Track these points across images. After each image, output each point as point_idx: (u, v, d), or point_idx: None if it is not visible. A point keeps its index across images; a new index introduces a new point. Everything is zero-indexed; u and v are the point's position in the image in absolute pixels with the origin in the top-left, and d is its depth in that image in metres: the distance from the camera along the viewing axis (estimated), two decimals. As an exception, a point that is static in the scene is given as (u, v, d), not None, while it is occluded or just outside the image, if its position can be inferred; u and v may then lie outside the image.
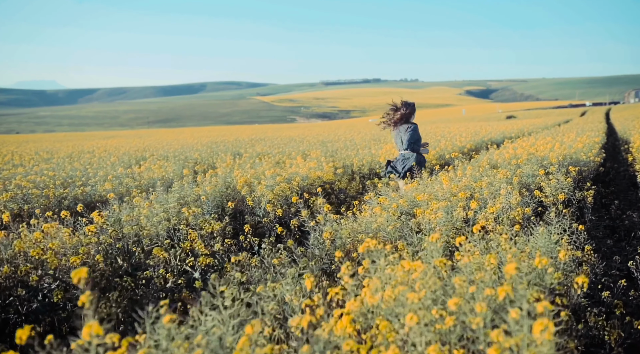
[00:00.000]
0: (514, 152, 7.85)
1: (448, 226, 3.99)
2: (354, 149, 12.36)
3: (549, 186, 5.26)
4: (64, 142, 30.20)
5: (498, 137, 15.12)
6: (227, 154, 12.28)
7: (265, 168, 8.18)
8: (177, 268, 4.24)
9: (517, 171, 6.02)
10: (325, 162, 8.60)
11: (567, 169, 6.48)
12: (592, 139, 11.15)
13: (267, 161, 11.78)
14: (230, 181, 6.78)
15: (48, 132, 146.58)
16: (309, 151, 13.04)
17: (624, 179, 10.64)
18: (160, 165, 9.35)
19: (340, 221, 4.52)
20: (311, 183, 7.28)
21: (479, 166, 6.66)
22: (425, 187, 5.62)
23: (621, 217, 6.74)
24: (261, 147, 15.61)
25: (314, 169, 7.82)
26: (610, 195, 8.19)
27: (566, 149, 8.79)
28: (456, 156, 7.79)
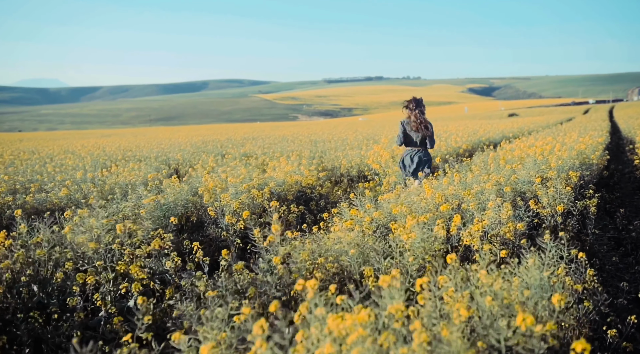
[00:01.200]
0: (510, 155, 7.22)
1: (426, 246, 3.37)
2: (345, 150, 11.75)
3: (546, 195, 4.64)
4: (55, 141, 29.65)
5: (497, 136, 14.47)
6: (210, 155, 11.68)
7: (243, 172, 7.57)
8: (111, 294, 3.64)
9: (511, 177, 5.39)
10: (304, 166, 7.99)
11: (568, 175, 5.85)
12: (595, 139, 10.50)
13: (252, 162, 11.19)
14: (199, 186, 6.18)
15: (50, 130, 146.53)
16: (298, 151, 12.43)
17: (629, 182, 9.99)
18: (132, 168, 8.75)
19: (306, 238, 3.91)
20: (288, 189, 6.66)
21: (469, 171, 6.04)
22: (409, 195, 5.01)
23: (627, 228, 6.11)
24: (250, 147, 15.01)
25: (292, 172, 7.21)
26: (615, 201, 7.56)
27: (567, 150, 8.16)
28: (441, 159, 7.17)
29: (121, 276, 3.62)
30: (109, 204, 5.70)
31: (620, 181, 9.90)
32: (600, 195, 5.82)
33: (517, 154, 7.98)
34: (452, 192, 4.96)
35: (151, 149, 15.52)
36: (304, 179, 6.99)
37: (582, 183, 6.58)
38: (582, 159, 7.06)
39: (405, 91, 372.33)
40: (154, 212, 5.43)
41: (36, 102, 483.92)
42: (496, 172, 5.87)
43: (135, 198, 5.50)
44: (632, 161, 11.95)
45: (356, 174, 9.85)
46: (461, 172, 6.17)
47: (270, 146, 15.07)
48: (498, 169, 5.97)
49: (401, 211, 4.14)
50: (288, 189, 6.69)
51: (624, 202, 8.01)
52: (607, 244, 5.76)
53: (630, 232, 5.84)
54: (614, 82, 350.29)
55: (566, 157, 6.34)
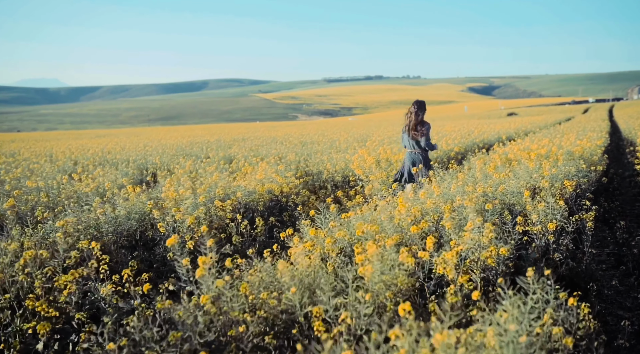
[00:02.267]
0: (500, 161, 6.66)
1: (387, 280, 2.82)
2: (330, 153, 11.19)
3: (536, 211, 4.08)
4: (46, 142, 29.07)
5: (492, 138, 13.92)
6: (189, 159, 11.13)
7: (214, 179, 7.01)
8: (18, 335, 3.09)
9: (499, 188, 4.84)
10: (279, 172, 7.42)
11: (562, 184, 5.29)
12: (593, 141, 9.95)
13: (233, 167, 10.63)
14: (157, 198, 5.62)
15: (50, 130, 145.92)
16: (283, 154, 11.88)
17: (630, 187, 9.43)
18: (97, 174, 8.19)
19: (257, 264, 3.36)
20: (259, 198, 6.11)
21: (455, 179, 5.48)
22: (383, 209, 4.45)
23: (628, 242, 5.55)
24: (236, 149, 14.44)
25: (264, 180, 6.65)
26: (615, 210, 7.00)
27: (563, 154, 7.61)
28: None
29: (31, 313, 3.07)
30: (57, 217, 5.16)
31: (620, 186, 9.34)
32: (597, 208, 5.26)
33: (511, 158, 7.43)
34: (431, 205, 4.41)
35: (135, 152, 14.96)
36: (277, 187, 6.43)
37: (579, 191, 6.03)
38: (578, 165, 6.51)
39: (405, 90, 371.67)
40: (102, 227, 4.88)
41: (36, 102, 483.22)
42: (484, 181, 5.31)
43: (86, 211, 4.95)
44: (632, 164, 11.39)
45: (341, 179, 9.30)
46: (446, 180, 5.62)
47: (257, 148, 14.51)
48: (486, 178, 5.41)
49: (368, 232, 3.59)
50: (259, 198, 6.14)
51: (625, 210, 7.45)
52: (606, 261, 5.20)
53: (631, 248, 5.29)
54: (613, 81, 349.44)
55: (561, 165, 5.77)
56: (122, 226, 5.00)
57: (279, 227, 5.97)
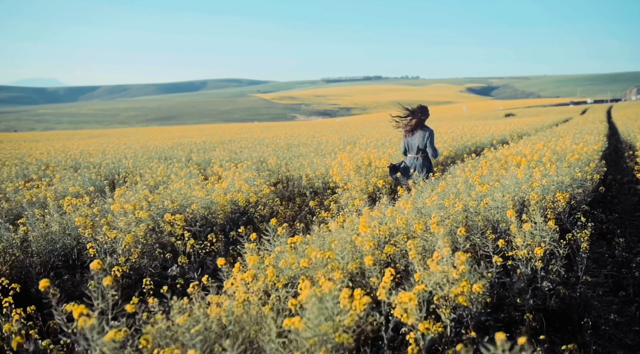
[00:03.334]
0: (487, 170, 6.05)
1: (322, 332, 2.22)
2: (314, 156, 10.58)
3: (520, 233, 3.49)
4: (34, 143, 28.45)
5: (485, 140, 13.32)
6: (162, 163, 10.53)
7: (176, 187, 6.42)
8: None
9: (481, 203, 4.24)
10: (244, 180, 6.81)
11: (554, 197, 4.70)
12: (590, 145, 9.36)
13: (209, 172, 10.05)
14: (104, 210, 5.02)
15: (48, 129, 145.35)
16: (263, 158, 11.29)
17: (629, 194, 8.85)
18: (56, 180, 7.58)
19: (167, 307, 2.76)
20: (220, 210, 5.50)
21: (432, 192, 4.88)
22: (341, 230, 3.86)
23: (628, 261, 4.96)
24: (220, 152, 13.84)
25: (226, 190, 6.04)
26: (613, 222, 6.41)
27: (557, 161, 7.03)
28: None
29: None
30: None
31: (618, 194, 8.76)
32: (593, 223, 4.67)
33: (498, 166, 6.84)
34: (403, 224, 3.82)
35: (114, 154, 14.35)
36: (241, 197, 5.83)
37: (573, 203, 5.45)
38: (573, 174, 5.92)
39: (404, 91, 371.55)
40: (31, 246, 4.28)
41: (34, 101, 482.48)
42: (467, 193, 4.72)
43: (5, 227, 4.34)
44: (631, 169, 10.81)
45: (322, 185, 8.70)
46: (425, 191, 5.03)
47: (241, 151, 13.91)
48: (470, 189, 4.82)
49: (317, 260, 2.99)
50: (221, 209, 5.54)
51: (624, 222, 6.86)
52: (603, 284, 4.61)
53: (632, 269, 4.70)
54: (612, 81, 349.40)
55: (554, 174, 5.17)
56: (55, 243, 4.40)
57: (241, 243, 5.38)
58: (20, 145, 24.59)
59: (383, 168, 7.66)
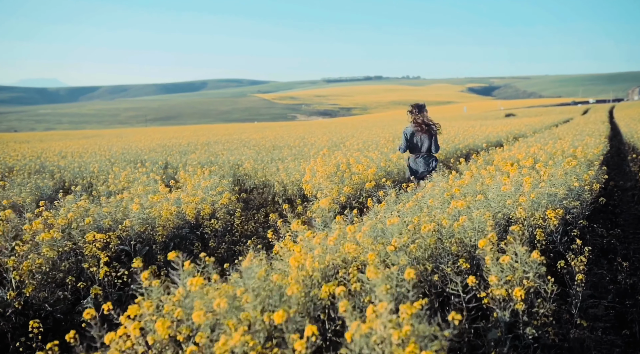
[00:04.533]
0: (469, 178, 5.31)
1: None
2: (290, 160, 9.85)
3: (495, 267, 2.75)
4: (21, 144, 27.75)
5: (479, 142, 12.57)
6: (127, 168, 9.81)
7: (120, 198, 5.70)
8: None
9: (456, 223, 3.50)
10: (194, 189, 6.07)
11: (545, 214, 3.96)
12: (590, 149, 8.62)
13: (180, 178, 9.32)
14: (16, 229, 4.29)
15: (48, 130, 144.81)
16: (240, 162, 10.56)
17: (633, 202, 8.11)
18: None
19: None
20: (161, 225, 4.77)
21: (403, 207, 4.15)
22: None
23: (633, 289, 4.22)
24: (200, 154, 13.12)
25: (171, 202, 5.30)
26: (615, 237, 5.66)
27: (552, 167, 6.29)
28: (371, 186, 5.28)
29: None
30: None
31: (621, 202, 8.02)
32: (590, 248, 3.93)
33: (489, 171, 6.10)
34: (353, 252, 3.09)
35: (90, 156, 13.63)
36: (190, 210, 5.10)
37: (569, 218, 4.71)
38: (569, 183, 5.18)
39: (405, 91, 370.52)
40: None
41: (35, 101, 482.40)
42: (442, 209, 3.98)
43: None
44: (635, 174, 10.07)
45: (296, 193, 7.98)
46: (391, 208, 4.29)
47: (221, 153, 13.18)
48: (444, 205, 4.08)
49: (222, 311, 2.27)
50: (164, 224, 4.80)
51: (627, 236, 6.12)
52: (603, 317, 3.87)
53: (637, 300, 3.96)
54: (614, 81, 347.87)
55: (544, 187, 4.41)
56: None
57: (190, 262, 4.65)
58: (4, 146, 23.87)
59: (360, 174, 6.93)
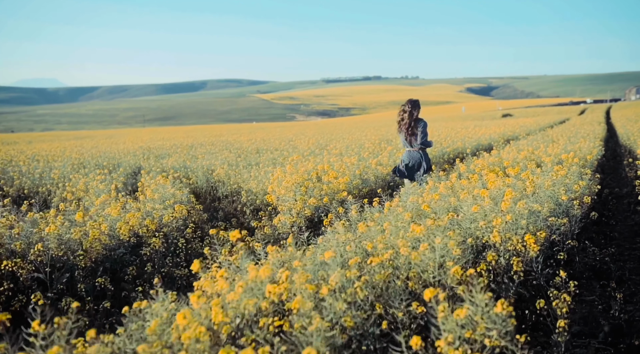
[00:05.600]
0: (446, 188, 4.69)
1: None
2: (254, 167, 9.22)
3: (448, 324, 2.14)
4: (6, 146, 27.08)
5: (470, 145, 11.95)
6: (88, 175, 9.19)
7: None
8: None
9: (414, 254, 2.89)
10: (137, 203, 5.45)
11: (524, 239, 3.35)
12: (584, 152, 8.02)
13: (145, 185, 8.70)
14: None
15: (47, 130, 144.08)
16: (214, 167, 9.94)
17: (629, 212, 7.50)
18: None
19: None
20: (90, 245, 4.15)
21: (356, 229, 3.54)
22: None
23: (629, 324, 3.61)
24: (176, 158, 12.50)
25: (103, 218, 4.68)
26: (609, 255, 5.05)
27: (540, 174, 5.69)
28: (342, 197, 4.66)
29: None
30: None
31: (616, 212, 7.41)
32: (575, 285, 3.33)
33: (470, 181, 5.49)
34: (277, 294, 2.49)
35: (59, 160, 13.00)
36: (124, 227, 4.48)
37: (555, 238, 4.11)
38: (557, 196, 4.58)
39: (404, 91, 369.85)
40: None
41: (34, 102, 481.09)
42: (396, 233, 3.37)
43: None
44: (631, 179, 9.47)
45: (266, 203, 7.36)
46: (341, 231, 3.68)
47: (202, 156, 12.56)
48: (397, 231, 3.46)
49: None
50: (91, 246, 4.19)
51: (622, 253, 5.51)
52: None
53: (632, 337, 3.35)
54: (612, 81, 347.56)
55: (522, 209, 3.77)
56: None
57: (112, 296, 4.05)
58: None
59: (331, 184, 6.31)
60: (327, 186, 5.99)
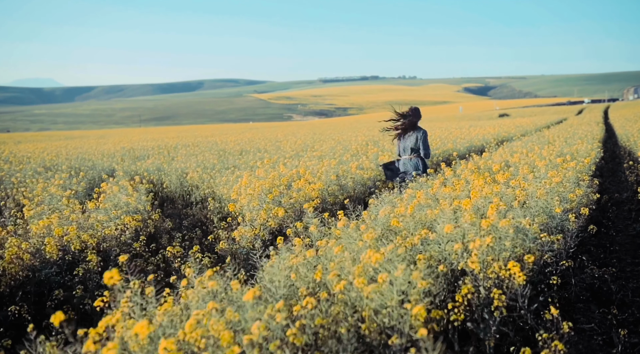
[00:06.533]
0: (411, 208, 4.10)
1: None
2: (247, 168, 8.61)
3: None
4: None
5: (462, 147, 11.37)
6: (56, 175, 8.59)
7: None
8: None
9: (366, 290, 2.30)
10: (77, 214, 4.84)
11: (506, 266, 2.75)
12: (582, 156, 7.44)
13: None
14: None
15: (43, 130, 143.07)
16: (188, 171, 9.34)
17: (630, 220, 6.91)
18: None
19: None
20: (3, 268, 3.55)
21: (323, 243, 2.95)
22: None
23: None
24: (152, 161, 11.89)
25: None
26: (610, 276, 4.46)
27: (532, 181, 5.11)
28: (313, 205, 4.08)
29: None
30: None
31: (616, 220, 6.84)
32: (567, 322, 2.75)
33: (450, 192, 4.91)
34: (199, 337, 1.89)
35: (35, 161, 12.38)
36: (50, 245, 3.87)
37: (548, 258, 3.53)
38: (550, 208, 4.00)
39: (401, 91, 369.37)
40: None
41: (30, 101, 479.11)
42: (352, 260, 2.77)
43: None
44: (632, 184, 8.91)
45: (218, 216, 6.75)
46: (287, 255, 3.09)
47: (176, 159, 11.95)
48: (353, 263, 2.87)
49: None
50: (8, 266, 3.59)
51: (624, 269, 4.92)
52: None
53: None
54: (609, 81, 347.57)
55: (505, 228, 3.17)
56: None
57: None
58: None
59: (303, 191, 5.71)
60: (297, 194, 5.39)
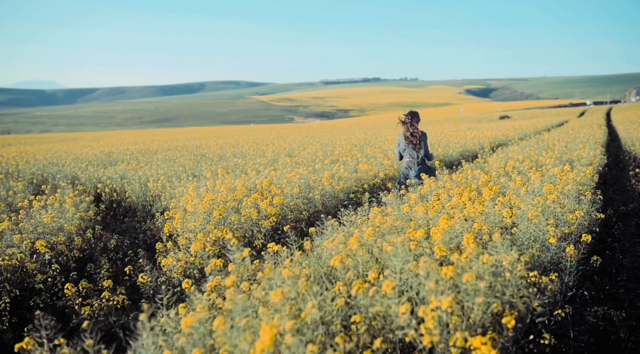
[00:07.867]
0: (387, 222, 3.33)
1: None
2: (212, 177, 7.83)
3: None
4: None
5: (454, 152, 10.59)
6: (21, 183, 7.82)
7: None
8: None
9: None
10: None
11: (493, 317, 1.95)
12: (583, 164, 6.64)
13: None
14: None
15: (44, 132, 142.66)
16: (153, 177, 8.56)
17: (638, 237, 6.11)
18: None
19: None
20: None
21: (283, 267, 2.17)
22: None
23: None
24: (122, 166, 11.12)
25: None
26: (618, 318, 3.66)
27: (521, 203, 4.31)
28: (269, 224, 3.30)
29: None
30: None
31: (622, 238, 6.03)
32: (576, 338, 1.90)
33: (429, 206, 4.12)
34: None
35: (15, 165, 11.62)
36: None
37: (537, 306, 2.73)
38: (544, 235, 3.21)
39: (403, 93, 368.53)
40: None
41: (32, 103, 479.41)
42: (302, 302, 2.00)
43: None
44: (638, 195, 8.08)
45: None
46: (239, 301, 2.30)
47: (152, 164, 11.18)
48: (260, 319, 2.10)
49: None
50: None
51: (634, 304, 4.11)
52: None
53: None
54: (611, 83, 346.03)
55: (485, 267, 2.38)
56: None
57: None
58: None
59: (259, 207, 4.91)
60: (248, 211, 4.60)
